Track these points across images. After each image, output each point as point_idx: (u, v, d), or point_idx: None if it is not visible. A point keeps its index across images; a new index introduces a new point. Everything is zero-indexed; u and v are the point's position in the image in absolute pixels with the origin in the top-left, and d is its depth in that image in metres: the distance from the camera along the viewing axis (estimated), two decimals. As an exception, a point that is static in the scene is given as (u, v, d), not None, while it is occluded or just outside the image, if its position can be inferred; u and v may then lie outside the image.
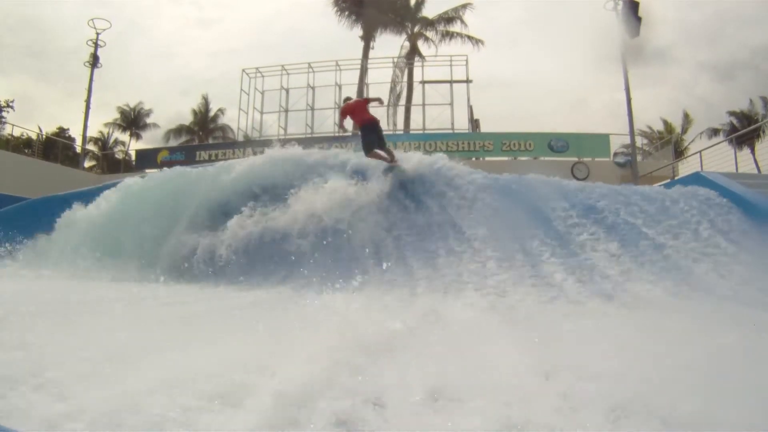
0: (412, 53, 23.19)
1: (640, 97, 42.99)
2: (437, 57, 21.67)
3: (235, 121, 24.81)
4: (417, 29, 23.88)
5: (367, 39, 23.74)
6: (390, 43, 31.90)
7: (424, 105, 20.17)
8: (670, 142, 20.39)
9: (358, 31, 24.06)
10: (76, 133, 29.58)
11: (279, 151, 8.02)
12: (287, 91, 21.27)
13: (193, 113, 30.94)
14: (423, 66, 21.60)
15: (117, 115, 31.53)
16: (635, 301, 4.72)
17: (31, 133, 21.38)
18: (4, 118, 22.69)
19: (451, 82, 20.07)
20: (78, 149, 23.56)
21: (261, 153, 8.27)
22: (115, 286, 5.58)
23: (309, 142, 15.19)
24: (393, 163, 7.63)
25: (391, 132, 21.07)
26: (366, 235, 6.51)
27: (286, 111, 21.14)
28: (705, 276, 5.45)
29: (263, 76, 21.49)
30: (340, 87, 21.08)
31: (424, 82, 20.80)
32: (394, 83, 22.42)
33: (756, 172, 17.77)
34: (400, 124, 22.26)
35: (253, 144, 18.99)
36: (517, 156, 17.49)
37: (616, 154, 17.14)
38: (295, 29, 50.87)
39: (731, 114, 28.52)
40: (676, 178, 13.02)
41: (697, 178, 8.59)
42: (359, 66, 22.07)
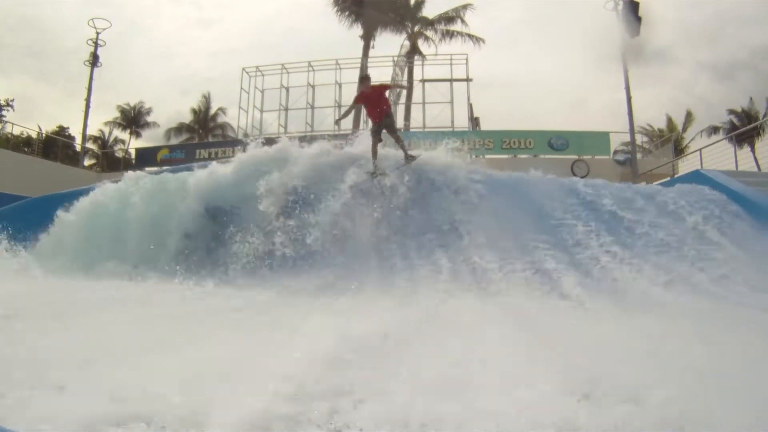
0: (413, 52, 23.17)
1: (640, 97, 43.10)
2: (438, 56, 21.69)
3: (235, 120, 24.81)
4: (417, 29, 23.86)
5: (367, 38, 23.71)
6: (390, 42, 31.86)
7: (424, 103, 20.18)
8: (670, 140, 20.37)
9: (358, 30, 24.06)
10: (76, 132, 29.47)
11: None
12: (287, 89, 21.25)
13: (192, 112, 30.97)
14: (423, 65, 21.61)
15: (117, 114, 31.58)
16: (635, 301, 4.73)
17: (31, 132, 21.41)
18: (4, 117, 22.67)
19: (451, 80, 20.06)
20: (78, 148, 23.55)
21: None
22: (113, 284, 5.59)
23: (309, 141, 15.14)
24: (408, 161, 7.29)
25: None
26: (366, 235, 6.51)
27: (286, 109, 21.13)
28: (704, 275, 5.44)
29: (263, 75, 21.48)
30: (340, 86, 21.09)
31: (424, 81, 20.79)
32: (395, 82, 22.39)
33: (756, 170, 17.78)
34: (401, 123, 22.25)
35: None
36: (517, 154, 17.50)
37: (616, 152, 17.14)
38: (295, 29, 50.88)
39: (731, 112, 28.48)
40: (676, 176, 13.02)
41: (697, 176, 8.59)
42: (359, 65, 22.04)
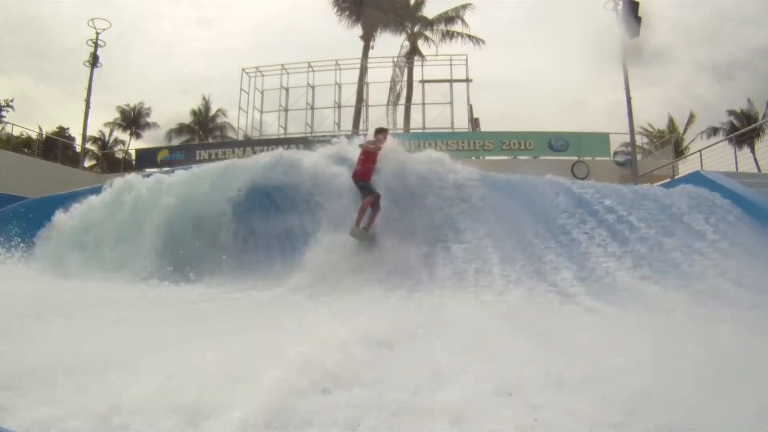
0: (412, 53, 23.18)
1: (640, 97, 42.84)
2: (437, 56, 21.70)
3: (235, 121, 24.82)
4: (417, 29, 23.87)
5: (367, 38, 23.72)
6: (390, 43, 31.79)
7: (423, 104, 20.20)
8: (670, 141, 20.37)
9: (358, 30, 24.08)
10: (76, 132, 29.47)
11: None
12: (287, 90, 21.27)
13: (192, 113, 30.96)
14: (423, 65, 21.64)
15: (117, 114, 31.55)
16: (635, 302, 4.72)
17: (30, 133, 21.40)
18: (4, 117, 22.67)
19: (450, 81, 20.08)
20: (78, 149, 23.54)
21: (261, 151, 8.19)
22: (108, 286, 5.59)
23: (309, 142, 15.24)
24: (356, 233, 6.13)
25: (390, 131, 21.02)
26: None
27: (286, 110, 21.14)
28: (704, 275, 5.43)
29: (263, 76, 21.50)
30: (340, 86, 21.12)
31: (423, 82, 20.82)
32: (394, 82, 22.43)
33: (756, 171, 17.78)
34: (400, 123, 22.28)
35: (252, 143, 19.00)
36: (517, 155, 17.48)
37: (616, 153, 17.13)
38: (295, 29, 50.74)
39: (731, 113, 28.49)
40: (676, 177, 13.02)
41: (697, 178, 8.57)
42: (359, 65, 22.07)
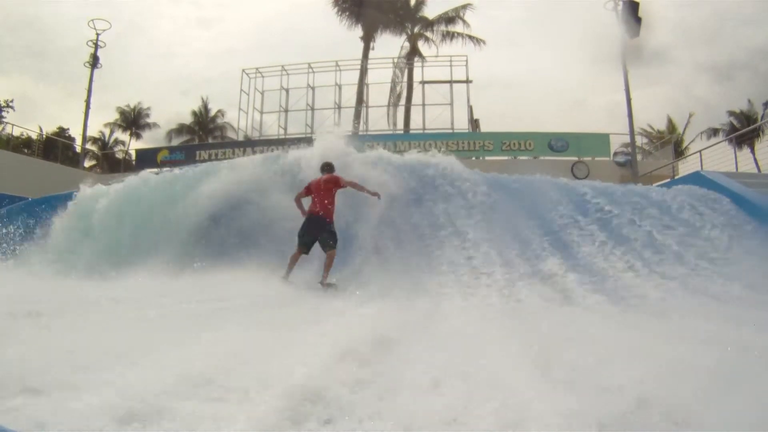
0: (412, 53, 23.20)
1: (640, 97, 42.81)
2: (437, 57, 21.72)
3: (235, 121, 24.84)
4: (417, 29, 23.89)
5: (367, 39, 23.73)
6: (390, 44, 31.90)
7: (424, 105, 20.21)
8: (670, 141, 20.38)
9: (358, 31, 24.09)
10: (76, 133, 29.56)
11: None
12: (287, 91, 21.28)
13: (193, 114, 31.01)
14: (423, 66, 21.66)
15: (117, 115, 31.60)
16: (635, 302, 4.72)
17: (31, 133, 21.43)
18: (4, 117, 22.70)
19: (451, 82, 20.09)
20: (78, 149, 23.56)
21: (261, 152, 8.15)
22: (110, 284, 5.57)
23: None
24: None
25: (391, 132, 21.07)
26: (367, 235, 6.52)
27: (286, 111, 21.14)
28: (705, 276, 5.44)
29: (263, 76, 21.51)
30: (340, 87, 21.13)
31: (424, 83, 20.84)
32: (394, 83, 22.46)
33: (756, 171, 17.79)
34: (400, 124, 22.30)
35: (252, 144, 19.02)
36: (517, 156, 17.49)
37: (616, 154, 17.14)
38: (295, 29, 50.92)
39: (731, 114, 28.54)
40: (677, 177, 13.02)
41: (697, 178, 8.58)
42: (359, 66, 22.08)
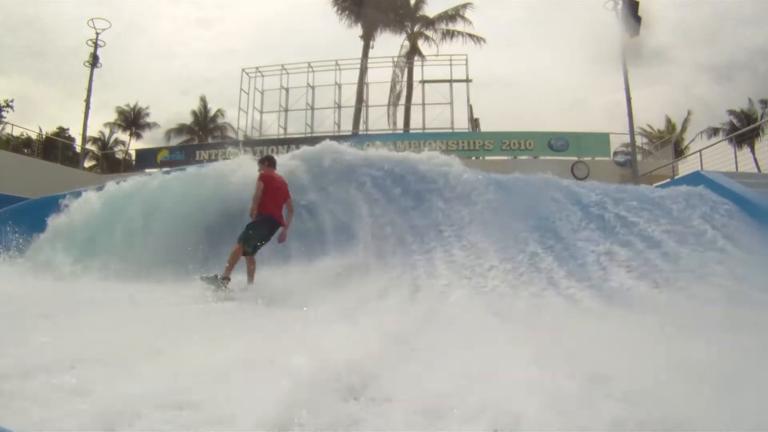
0: (412, 52, 23.18)
1: (640, 97, 42.85)
2: (437, 56, 21.68)
3: (235, 121, 24.82)
4: (417, 28, 23.87)
5: (367, 38, 23.72)
6: (390, 42, 31.89)
7: (423, 104, 20.17)
8: (670, 141, 20.37)
9: (358, 30, 24.07)
10: (75, 133, 29.61)
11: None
12: (287, 90, 21.25)
13: (193, 114, 31.01)
14: (423, 65, 21.61)
15: (116, 115, 31.59)
16: (634, 301, 4.72)
17: (31, 133, 21.42)
18: (4, 118, 22.69)
19: (450, 81, 20.05)
20: (78, 149, 23.55)
21: (261, 152, 8.16)
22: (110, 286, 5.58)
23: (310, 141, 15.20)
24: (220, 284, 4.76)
25: (390, 131, 21.07)
26: (366, 235, 6.52)
27: (286, 110, 21.12)
28: (705, 276, 5.43)
29: (263, 76, 21.49)
30: (340, 86, 21.11)
31: (423, 82, 20.80)
32: (394, 83, 22.44)
33: (756, 171, 17.79)
34: (400, 124, 22.29)
35: (252, 143, 18.99)
36: (516, 155, 17.49)
37: (616, 154, 17.14)
38: (295, 29, 50.84)
39: (731, 113, 28.51)
40: (677, 177, 13.02)
41: (697, 178, 8.58)
42: (359, 65, 22.06)
